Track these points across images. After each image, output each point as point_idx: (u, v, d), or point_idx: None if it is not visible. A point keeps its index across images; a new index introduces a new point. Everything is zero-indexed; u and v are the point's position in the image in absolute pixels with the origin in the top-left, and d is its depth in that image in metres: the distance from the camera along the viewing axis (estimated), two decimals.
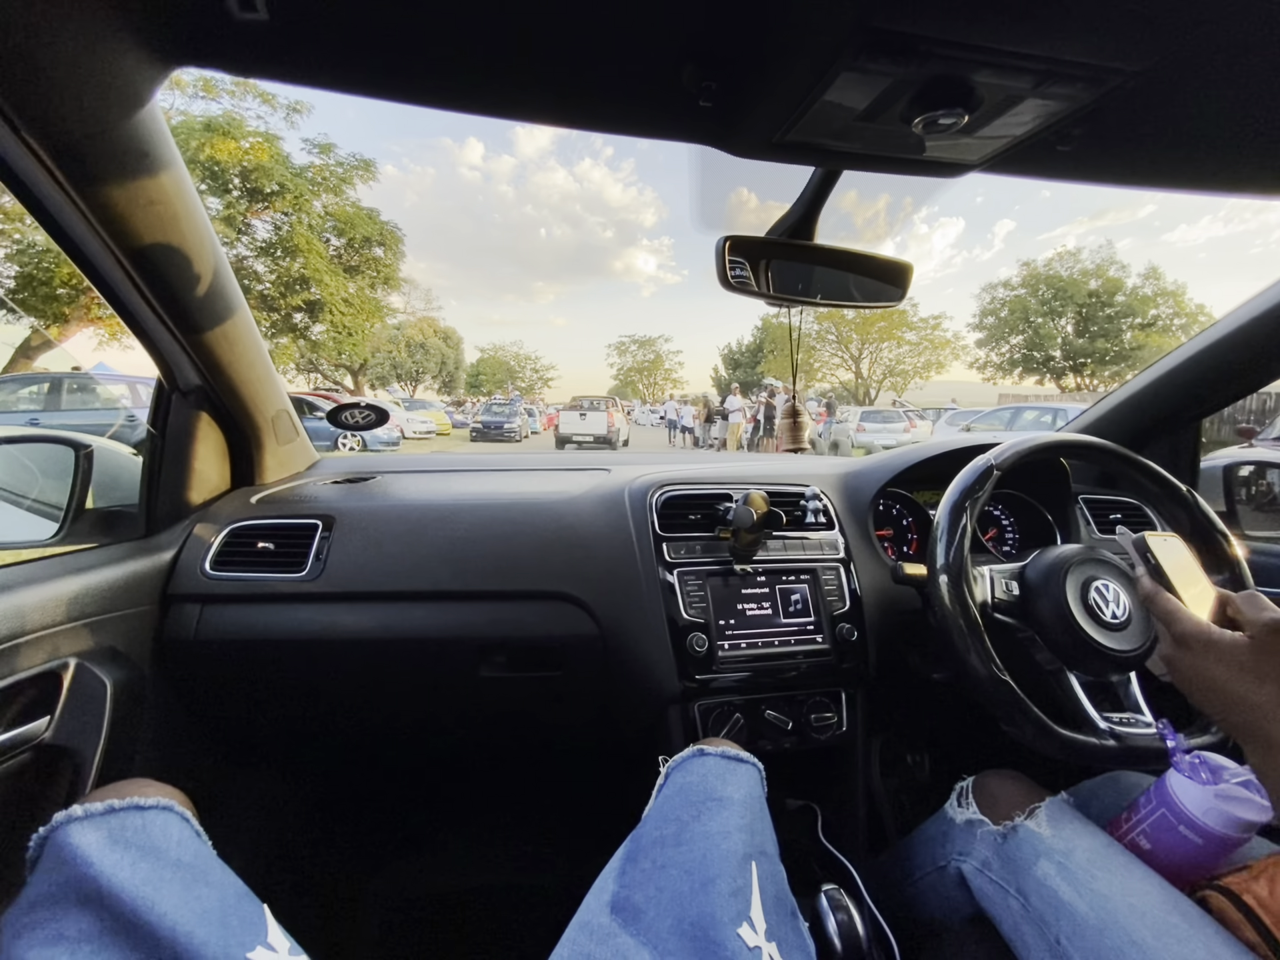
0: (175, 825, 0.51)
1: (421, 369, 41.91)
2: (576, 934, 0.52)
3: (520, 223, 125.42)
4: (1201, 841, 0.63)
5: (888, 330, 32.56)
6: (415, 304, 36.84)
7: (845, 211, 0.79)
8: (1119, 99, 0.55)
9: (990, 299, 30.86)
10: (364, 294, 18.35)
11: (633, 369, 66.67)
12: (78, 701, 0.71)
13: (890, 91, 0.51)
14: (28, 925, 0.42)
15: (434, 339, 42.27)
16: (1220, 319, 1.06)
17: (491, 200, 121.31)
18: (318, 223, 16.59)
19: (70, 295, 11.14)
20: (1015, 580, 0.80)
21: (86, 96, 0.53)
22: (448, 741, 1.12)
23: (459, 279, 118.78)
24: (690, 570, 0.90)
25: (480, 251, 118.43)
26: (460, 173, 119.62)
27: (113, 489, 0.94)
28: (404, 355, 40.34)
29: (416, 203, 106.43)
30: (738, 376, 44.30)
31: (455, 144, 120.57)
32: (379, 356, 37.37)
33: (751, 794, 0.62)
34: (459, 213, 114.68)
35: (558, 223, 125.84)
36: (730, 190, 0.73)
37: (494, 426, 17.84)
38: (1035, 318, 28.85)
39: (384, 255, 18.50)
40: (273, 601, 0.89)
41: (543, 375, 64.00)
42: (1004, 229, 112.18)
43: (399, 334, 39.49)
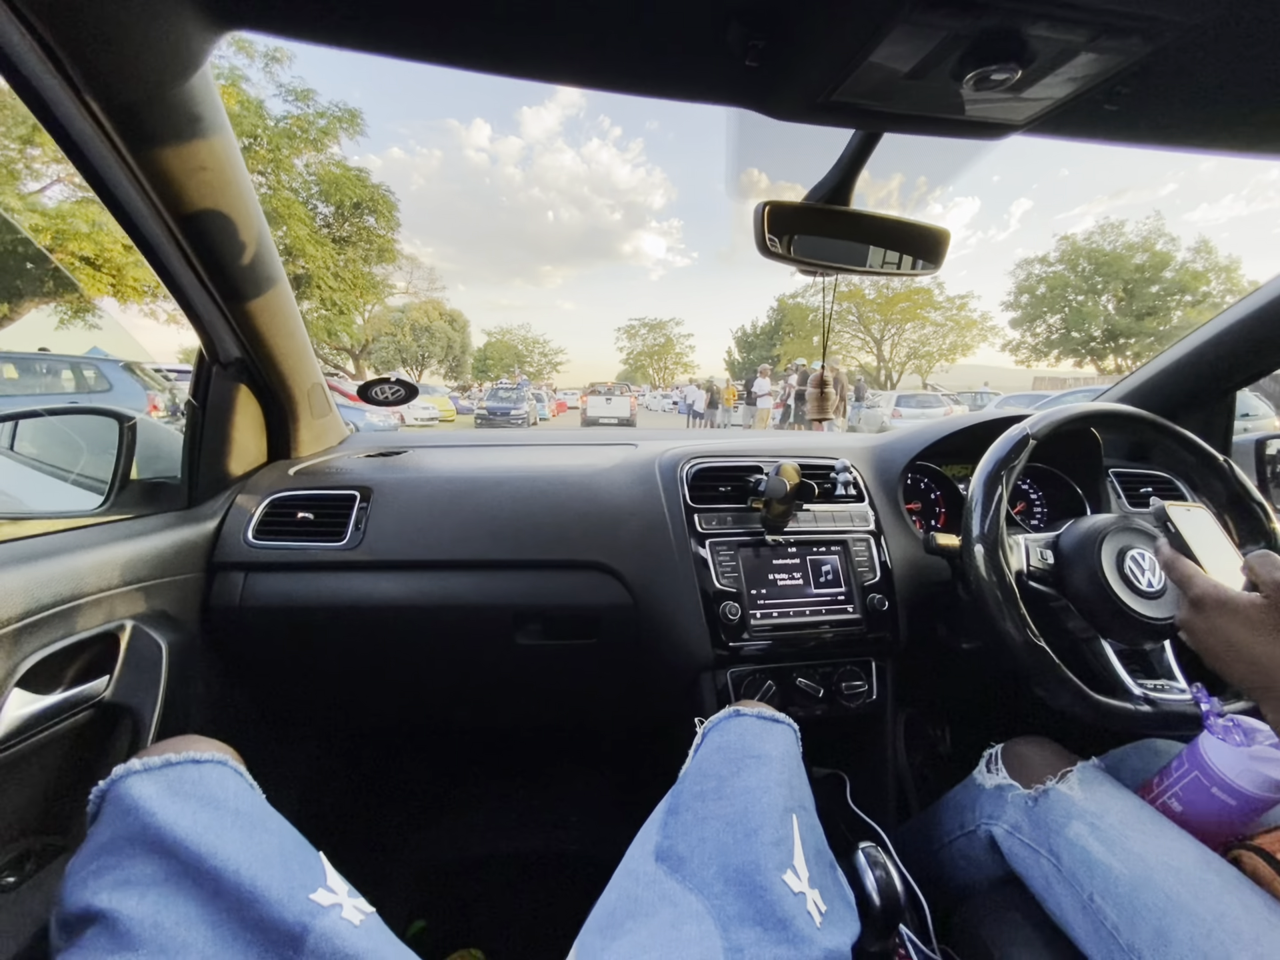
0: (231, 778, 0.53)
1: (427, 353, 40.70)
2: (623, 880, 0.54)
3: (527, 205, 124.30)
4: (1235, 803, 0.63)
5: (911, 310, 31.41)
6: (418, 284, 35.77)
7: (860, 191, 0.78)
8: (1173, 54, 0.54)
9: (1026, 275, 28.74)
10: (356, 268, 16.97)
11: (642, 353, 65.41)
12: (135, 661, 0.74)
13: (943, 47, 0.50)
14: (95, 871, 0.43)
15: (439, 322, 40.88)
16: (1254, 291, 1.04)
17: (499, 183, 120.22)
18: (300, 185, 15.28)
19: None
20: (1050, 549, 0.81)
21: (145, 58, 0.54)
22: (484, 709, 1.15)
23: (466, 263, 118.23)
24: (722, 541, 0.91)
25: (487, 235, 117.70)
26: (467, 155, 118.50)
27: (155, 461, 0.97)
28: (409, 339, 39.14)
29: (423, 186, 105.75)
30: (752, 360, 43.26)
31: (462, 125, 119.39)
32: (383, 340, 36.90)
33: (789, 751, 0.63)
34: (466, 196, 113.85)
35: (565, 205, 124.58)
36: (769, 156, 0.73)
37: (500, 413, 17.27)
38: (1075, 295, 27.14)
39: (376, 224, 17.05)
40: (314, 570, 0.91)
41: (551, 360, 62.60)
42: (1020, 208, 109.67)
43: (403, 317, 38.46)
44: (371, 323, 32.41)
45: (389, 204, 16.86)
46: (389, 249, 17.88)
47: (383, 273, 22.55)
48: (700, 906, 0.49)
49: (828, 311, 0.94)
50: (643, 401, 35.09)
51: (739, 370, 44.86)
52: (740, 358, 47.39)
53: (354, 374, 28.25)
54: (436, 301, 39.44)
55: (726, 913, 0.48)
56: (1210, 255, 25.20)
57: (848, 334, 35.04)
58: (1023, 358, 30.61)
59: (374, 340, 35.89)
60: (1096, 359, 28.39)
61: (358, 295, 17.31)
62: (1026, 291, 28.71)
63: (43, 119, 0.58)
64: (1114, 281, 26.11)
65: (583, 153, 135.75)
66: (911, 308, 31.15)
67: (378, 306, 30.66)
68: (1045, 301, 28.17)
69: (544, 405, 22.89)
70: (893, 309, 31.50)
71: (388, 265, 19.04)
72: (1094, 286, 26.79)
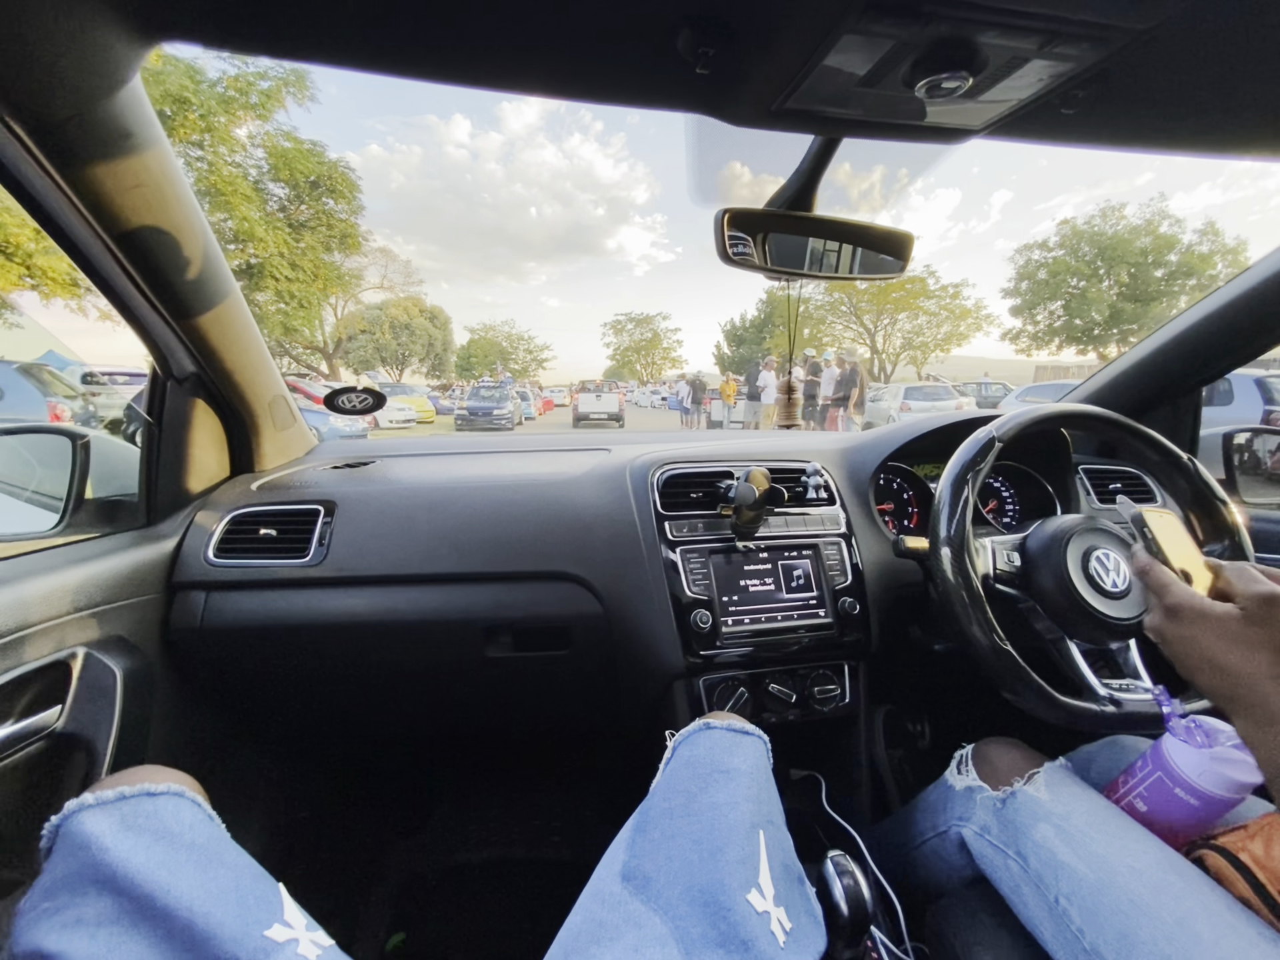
0: (187, 809, 0.52)
1: (408, 351, 39.15)
2: (588, 902, 0.53)
3: (510, 202, 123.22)
4: (1197, 803, 0.64)
5: (905, 300, 30.05)
6: (394, 277, 33.64)
7: (841, 184, 0.78)
8: (1126, 59, 0.54)
9: (1025, 261, 27.42)
10: (316, 256, 15.13)
11: (630, 348, 64.05)
12: (88, 690, 0.72)
13: (892, 55, 0.50)
14: (46, 911, 0.42)
15: (420, 319, 39.20)
16: (1220, 287, 1.05)
17: (480, 179, 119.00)
18: (244, 160, 13.48)
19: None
20: (1016, 551, 0.81)
21: (68, 75, 0.52)
22: (457, 721, 1.14)
23: (449, 261, 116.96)
24: (693, 548, 0.91)
25: (470, 232, 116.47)
26: (447, 151, 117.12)
27: (111, 479, 0.94)
28: (388, 337, 37.51)
29: (403, 183, 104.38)
30: (741, 353, 42.55)
31: (441, 121, 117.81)
32: (360, 339, 35.58)
33: (757, 765, 0.63)
34: (447, 193, 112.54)
35: (548, 201, 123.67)
36: (728, 161, 0.72)
37: (481, 413, 16.08)
38: (1077, 281, 25.88)
39: (336, 205, 15.27)
40: (277, 587, 0.89)
41: (537, 356, 60.69)
42: (1001, 200, 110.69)
43: (381, 314, 36.92)
44: (346, 321, 31.45)
45: (349, 183, 15.15)
46: (352, 235, 16.20)
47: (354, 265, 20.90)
48: (664, 929, 0.48)
49: (795, 311, 0.93)
50: (631, 398, 34.58)
51: (729, 364, 43.68)
52: (730, 351, 46.09)
53: (327, 374, 27.24)
54: (416, 298, 38.33)
55: (690, 935, 0.48)
56: (1217, 237, 24.34)
57: (840, 324, 33.77)
58: (1023, 346, 29.50)
59: (350, 339, 34.62)
60: (1099, 346, 27.40)
61: (320, 287, 15.54)
62: (1027, 278, 27.52)
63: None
64: (1118, 266, 25.01)
65: (565, 148, 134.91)
66: (905, 297, 29.75)
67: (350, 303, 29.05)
68: (1046, 288, 26.88)
69: (530, 404, 21.92)
70: (886, 298, 29.95)
71: (354, 254, 17.37)
72: (1096, 271, 25.76)
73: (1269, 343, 1.07)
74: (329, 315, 28.39)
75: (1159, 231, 24.76)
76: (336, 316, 29.83)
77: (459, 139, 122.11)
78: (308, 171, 13.87)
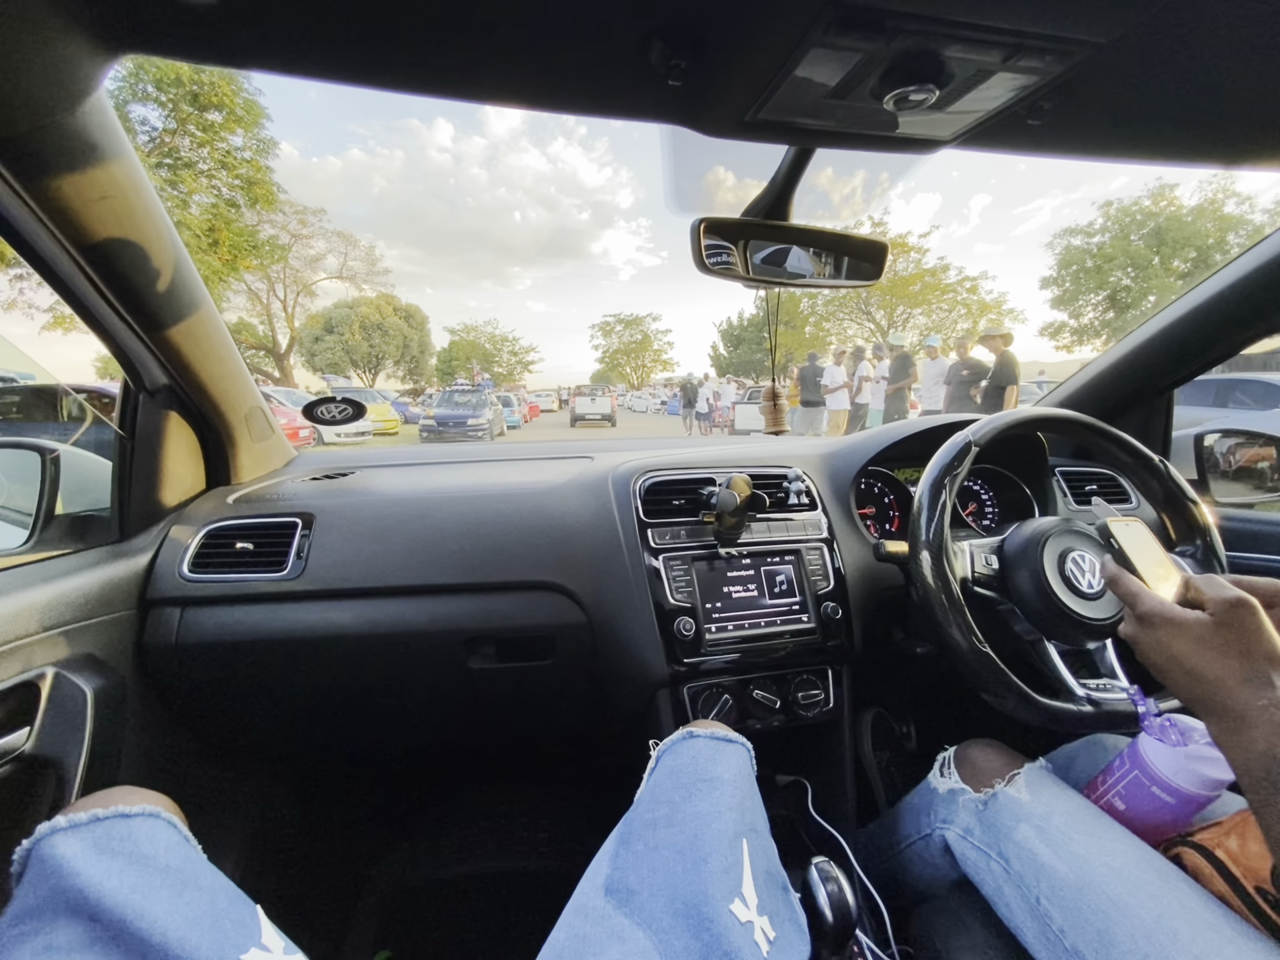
0: (162, 831, 0.51)
1: (381, 353, 35.57)
2: (572, 917, 0.53)
3: (494, 206, 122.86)
4: (1173, 800, 0.65)
5: (922, 295, 26.76)
6: (355, 265, 28.96)
7: (821, 190, 0.79)
8: (1088, 72, 0.55)
9: (1064, 248, 23.90)
10: (221, 211, 10.99)
11: (619, 351, 61.40)
12: (58, 711, 0.70)
13: (860, 68, 0.50)
14: (16, 938, 0.41)
15: (394, 318, 35.73)
16: (1191, 289, 1.07)
17: (463, 183, 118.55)
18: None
19: None
20: (995, 554, 0.82)
21: (30, 87, 0.51)
22: (440, 734, 1.13)
23: (433, 266, 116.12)
24: (675, 555, 0.91)
25: (454, 237, 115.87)
26: (429, 155, 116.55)
27: (83, 494, 0.92)
28: (358, 338, 34.14)
29: (385, 188, 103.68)
30: (740, 354, 40.86)
31: (423, 125, 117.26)
32: (328, 340, 33.04)
33: (741, 773, 0.63)
34: (430, 197, 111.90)
35: (532, 205, 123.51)
36: (705, 170, 0.72)
37: (453, 423, 12.96)
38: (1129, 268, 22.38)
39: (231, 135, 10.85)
40: (254, 602, 0.88)
41: (522, 359, 55.27)
42: (980, 204, 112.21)
43: (352, 313, 33.81)
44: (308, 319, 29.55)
45: (254, 109, 10.94)
46: (264, 185, 11.94)
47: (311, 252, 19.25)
48: (648, 943, 0.48)
49: (773, 317, 0.94)
50: (624, 402, 32.98)
51: (726, 366, 41.69)
52: (727, 353, 43.82)
53: (278, 378, 25.11)
54: (391, 296, 35.99)
55: (673, 948, 0.48)
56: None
57: (849, 320, 30.07)
58: (1065, 342, 26.09)
59: (317, 340, 32.43)
60: None
61: (225, 258, 11.59)
62: (1073, 264, 23.81)
63: None
64: (1183, 250, 21.33)
65: (548, 152, 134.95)
66: (923, 292, 26.38)
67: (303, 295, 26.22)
68: (1092, 277, 23.37)
69: (514, 410, 18.88)
70: (904, 291, 26.47)
71: (269, 212, 13.24)
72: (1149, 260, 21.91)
73: (1236, 346, 1.09)
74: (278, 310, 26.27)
75: (1222, 213, 21.35)
76: (287, 311, 27.26)
77: (441, 143, 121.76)
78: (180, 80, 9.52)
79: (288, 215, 22.06)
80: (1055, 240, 24.45)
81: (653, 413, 29.35)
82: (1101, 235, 23.26)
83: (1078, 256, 23.76)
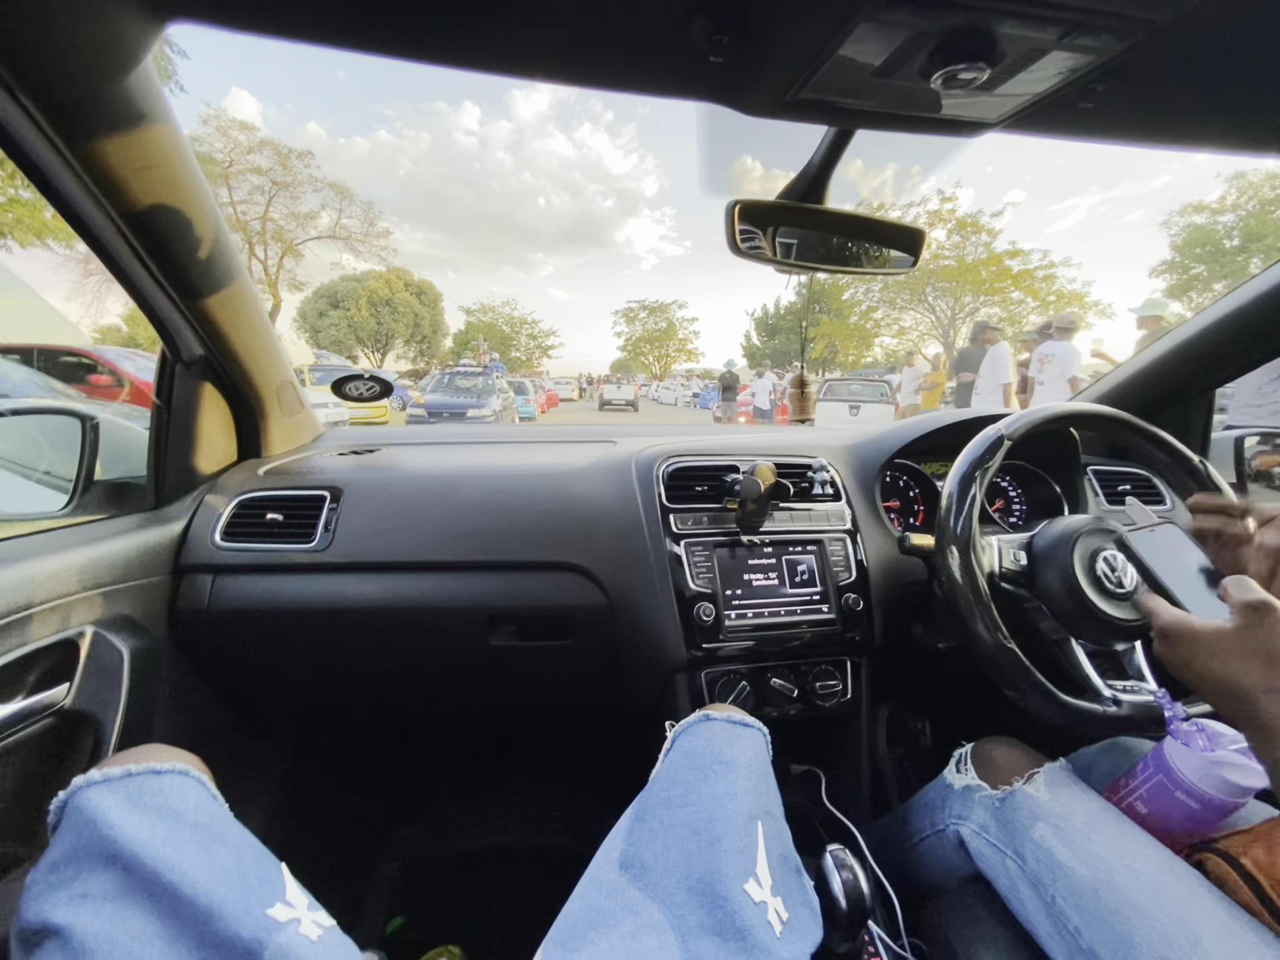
0: (191, 788, 0.52)
1: (390, 332, 32.50)
2: (586, 890, 0.54)
3: (518, 191, 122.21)
4: (1198, 806, 0.64)
5: (997, 279, 22.55)
6: (350, 224, 25.11)
7: (852, 181, 0.77)
8: (1147, 52, 0.53)
9: (1184, 227, 20.62)
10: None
11: (642, 339, 58.16)
12: (96, 669, 0.73)
13: (909, 45, 0.49)
14: (52, 885, 0.43)
15: (404, 294, 32.55)
16: (1236, 288, 1.04)
17: (489, 168, 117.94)
18: None
19: None
20: (1023, 550, 0.80)
21: (81, 54, 0.52)
22: (459, 709, 1.15)
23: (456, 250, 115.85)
24: (697, 541, 0.91)
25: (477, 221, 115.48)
26: (456, 138, 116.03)
27: (120, 462, 0.95)
28: (365, 314, 31.02)
29: (411, 170, 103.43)
30: (775, 344, 38.83)
31: (450, 108, 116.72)
32: (333, 315, 30.42)
33: (757, 757, 0.63)
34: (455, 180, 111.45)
35: (557, 191, 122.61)
36: (740, 152, 0.71)
37: (448, 412, 10.22)
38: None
39: None
40: (283, 572, 0.90)
41: (542, 343, 51.05)
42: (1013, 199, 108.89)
43: (359, 286, 31.21)
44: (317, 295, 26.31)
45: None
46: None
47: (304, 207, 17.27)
48: (661, 917, 0.49)
49: (805, 311, 0.93)
50: (646, 392, 30.87)
51: (761, 356, 39.23)
52: (760, 343, 41.38)
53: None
54: (404, 270, 33.55)
55: (687, 923, 0.48)
56: None
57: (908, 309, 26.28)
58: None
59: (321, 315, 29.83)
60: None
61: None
62: (1202, 243, 20.07)
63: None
64: None
65: (574, 137, 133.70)
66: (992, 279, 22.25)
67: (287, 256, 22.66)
68: (1231, 257, 19.61)
69: (528, 398, 15.58)
70: (973, 277, 22.42)
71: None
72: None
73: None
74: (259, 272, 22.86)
75: None
76: (268, 275, 23.67)
77: (468, 126, 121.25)
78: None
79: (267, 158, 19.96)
80: (1173, 218, 21.24)
81: (683, 405, 27.06)
82: (1233, 213, 19.92)
83: (1206, 236, 20.29)
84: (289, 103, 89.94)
